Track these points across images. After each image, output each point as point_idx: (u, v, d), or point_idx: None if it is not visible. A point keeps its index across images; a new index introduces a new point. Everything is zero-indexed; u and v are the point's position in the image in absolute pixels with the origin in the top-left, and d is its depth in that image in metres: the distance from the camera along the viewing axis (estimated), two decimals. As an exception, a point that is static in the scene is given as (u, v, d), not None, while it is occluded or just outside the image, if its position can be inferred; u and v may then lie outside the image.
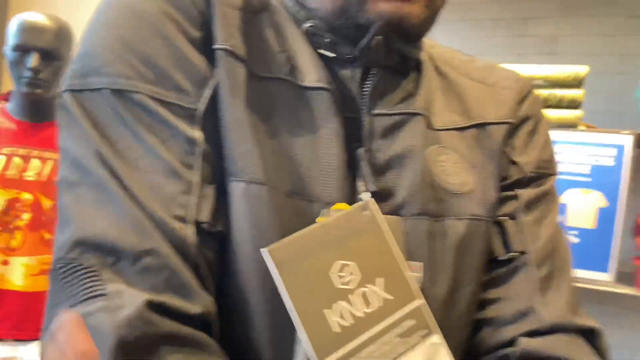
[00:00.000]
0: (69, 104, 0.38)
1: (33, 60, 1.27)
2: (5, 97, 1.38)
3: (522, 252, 0.46)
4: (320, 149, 0.41)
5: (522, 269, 0.46)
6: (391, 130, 0.44)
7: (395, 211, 0.42)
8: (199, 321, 0.34)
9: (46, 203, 1.32)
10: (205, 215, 0.36)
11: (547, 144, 0.53)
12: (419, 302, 0.39)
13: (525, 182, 0.50)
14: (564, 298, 0.46)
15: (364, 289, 0.38)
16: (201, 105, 0.38)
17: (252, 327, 0.39)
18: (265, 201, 0.38)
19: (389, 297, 0.39)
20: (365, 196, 0.41)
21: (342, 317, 0.37)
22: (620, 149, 1.04)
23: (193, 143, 0.37)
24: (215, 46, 0.39)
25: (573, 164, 1.07)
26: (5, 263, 1.30)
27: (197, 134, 0.37)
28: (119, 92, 0.37)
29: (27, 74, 1.27)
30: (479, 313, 0.46)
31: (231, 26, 0.41)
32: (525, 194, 0.49)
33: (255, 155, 0.39)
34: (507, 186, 0.49)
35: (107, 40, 0.38)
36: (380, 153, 0.43)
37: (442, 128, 0.47)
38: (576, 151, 1.07)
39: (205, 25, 0.40)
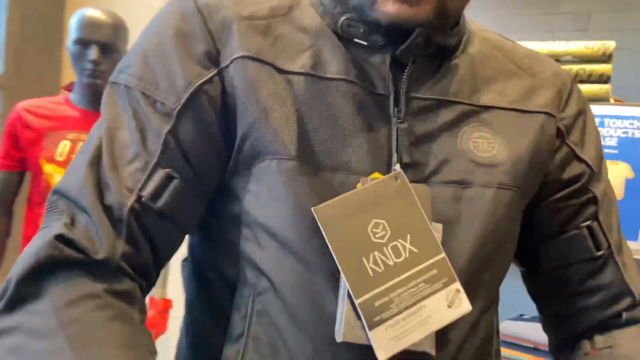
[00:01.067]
0: (106, 92, 0.50)
1: (93, 53, 1.39)
2: (69, 88, 1.52)
3: (608, 247, 0.55)
4: (353, 126, 0.48)
5: (609, 260, 0.55)
6: (425, 111, 0.50)
7: (424, 180, 0.49)
8: (102, 263, 0.44)
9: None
10: (147, 192, 0.46)
11: (598, 134, 0.58)
12: (441, 255, 0.47)
13: (596, 177, 0.56)
14: (636, 272, 0.57)
15: (394, 243, 0.47)
16: (178, 106, 0.47)
17: (291, 284, 0.47)
18: (300, 174, 0.46)
19: (415, 250, 0.47)
20: (397, 167, 0.48)
21: (376, 264, 0.46)
22: (648, 121, 1.07)
23: (159, 134, 0.47)
24: (234, 56, 0.48)
25: (601, 136, 1.13)
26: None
27: (166, 127, 0.47)
28: (128, 89, 0.49)
29: (88, 66, 1.39)
30: (581, 302, 0.56)
31: (252, 36, 0.49)
32: (598, 190, 0.55)
33: (291, 134, 0.47)
34: (583, 186, 0.55)
35: (138, 48, 0.50)
36: (415, 129, 0.49)
37: (482, 105, 0.52)
38: (604, 124, 1.11)
39: (214, 41, 0.48)
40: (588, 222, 0.55)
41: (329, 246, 0.45)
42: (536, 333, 1.18)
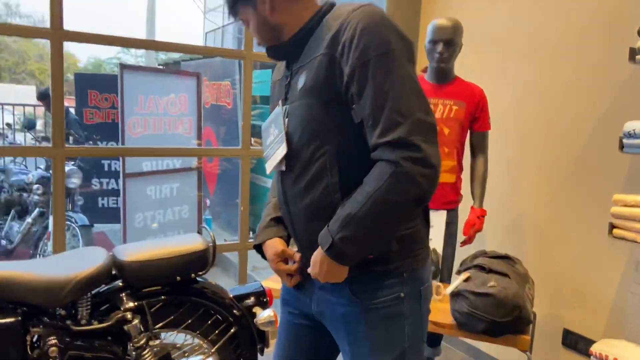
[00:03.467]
0: None
1: (440, 47, 2.22)
2: (424, 70, 2.41)
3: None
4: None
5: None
6: (294, 74, 1.15)
7: (286, 105, 1.18)
8: None
9: (446, 130, 2.28)
10: None
11: (362, 47, 1.02)
12: (282, 133, 1.16)
13: (351, 73, 1.04)
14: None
15: (274, 131, 1.21)
16: None
17: None
18: None
19: (277, 132, 1.18)
20: (279, 102, 1.20)
21: (269, 140, 1.18)
22: None
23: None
24: None
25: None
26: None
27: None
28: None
29: (437, 56, 2.24)
30: None
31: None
32: (352, 81, 1.05)
33: None
34: (347, 81, 1.05)
35: None
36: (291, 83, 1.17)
37: (306, 62, 1.12)
38: None
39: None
40: (353, 106, 1.04)
41: None
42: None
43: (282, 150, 1.13)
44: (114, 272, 1.61)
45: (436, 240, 2.30)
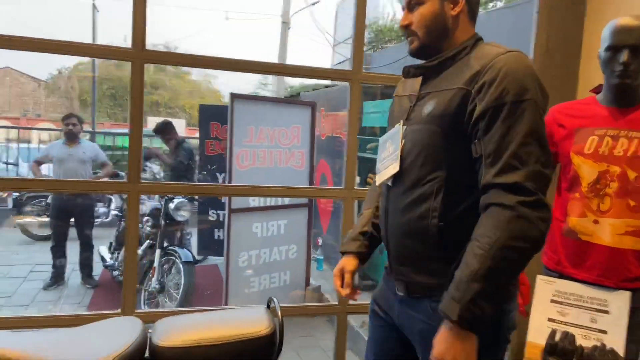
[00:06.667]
0: None
1: (624, 56, 1.53)
2: (596, 90, 1.71)
3: (480, 155, 1.11)
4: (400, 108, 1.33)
5: (481, 162, 1.10)
6: (421, 99, 1.24)
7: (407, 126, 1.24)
8: None
9: (631, 174, 1.56)
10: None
11: (501, 88, 1.08)
12: (398, 151, 1.22)
13: (482, 116, 1.11)
14: (505, 169, 1.10)
15: (390, 147, 1.26)
16: None
17: None
18: None
19: (392, 150, 1.25)
20: (401, 122, 1.26)
21: (384, 154, 1.29)
22: None
23: None
24: None
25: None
26: (596, 222, 1.61)
27: None
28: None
29: (618, 68, 1.54)
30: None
31: None
32: (482, 125, 1.11)
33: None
34: (475, 121, 1.12)
35: None
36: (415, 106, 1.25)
37: (438, 90, 1.20)
38: None
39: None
40: (475, 141, 1.11)
41: None
42: None
43: (393, 169, 1.21)
44: (146, 355, 1.20)
45: (615, 333, 1.57)
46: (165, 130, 4.81)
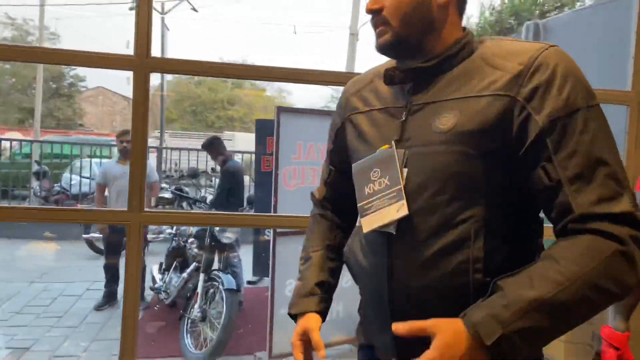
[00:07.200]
0: None
1: None
2: None
3: (558, 180, 0.85)
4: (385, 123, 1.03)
5: (559, 189, 0.85)
6: (416, 112, 0.95)
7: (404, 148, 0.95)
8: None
9: None
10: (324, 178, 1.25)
11: (566, 93, 0.86)
12: (399, 187, 0.92)
13: (550, 128, 0.86)
14: (591, 195, 0.85)
15: (380, 179, 0.95)
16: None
17: None
18: None
19: (388, 183, 0.94)
20: (392, 143, 0.95)
21: (370, 188, 0.97)
22: None
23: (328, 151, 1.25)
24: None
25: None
26: None
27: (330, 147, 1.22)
28: None
29: None
30: (548, 216, 0.89)
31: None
32: (553, 139, 0.86)
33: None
34: (538, 137, 0.86)
35: None
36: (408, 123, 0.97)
37: (446, 99, 0.92)
38: None
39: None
40: (543, 164, 0.85)
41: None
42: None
43: (398, 211, 0.92)
44: None
45: None
46: (211, 147, 4.73)
